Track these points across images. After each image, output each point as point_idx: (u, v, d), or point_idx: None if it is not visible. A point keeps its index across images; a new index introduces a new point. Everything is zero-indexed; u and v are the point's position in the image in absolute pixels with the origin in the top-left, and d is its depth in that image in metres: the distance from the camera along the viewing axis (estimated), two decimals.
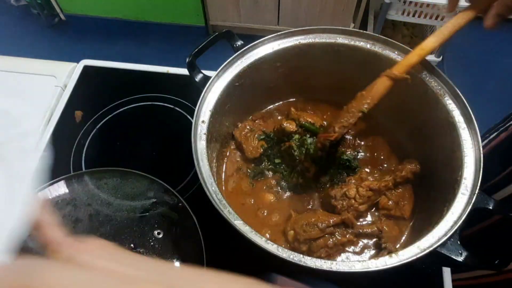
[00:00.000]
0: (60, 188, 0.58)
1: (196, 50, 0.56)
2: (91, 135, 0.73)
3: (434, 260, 0.44)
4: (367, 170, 0.61)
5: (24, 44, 2.21)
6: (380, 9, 1.79)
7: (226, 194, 0.60)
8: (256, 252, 0.44)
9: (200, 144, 0.49)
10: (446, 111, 0.50)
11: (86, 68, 0.82)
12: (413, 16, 1.72)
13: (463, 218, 0.42)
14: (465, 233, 0.47)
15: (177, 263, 0.52)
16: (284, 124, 0.61)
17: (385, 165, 0.63)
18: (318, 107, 0.69)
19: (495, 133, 0.70)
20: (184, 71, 0.81)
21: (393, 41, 0.54)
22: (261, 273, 0.61)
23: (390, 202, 0.56)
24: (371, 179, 0.58)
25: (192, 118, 0.51)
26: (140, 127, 0.76)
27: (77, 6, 2.16)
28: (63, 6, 2.19)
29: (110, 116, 0.76)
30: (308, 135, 0.61)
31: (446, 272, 0.59)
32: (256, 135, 0.63)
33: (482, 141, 0.71)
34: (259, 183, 0.62)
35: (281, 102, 0.68)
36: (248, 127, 0.64)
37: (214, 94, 0.54)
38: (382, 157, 0.64)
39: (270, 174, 0.62)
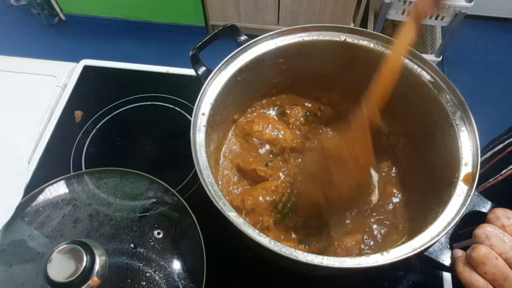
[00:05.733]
0: (60, 188, 0.58)
1: (200, 44, 0.56)
2: (91, 135, 0.73)
3: (424, 262, 0.44)
4: None
5: (24, 44, 2.21)
6: (380, 9, 1.79)
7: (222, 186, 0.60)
8: (251, 245, 0.44)
9: (199, 136, 0.49)
10: (446, 112, 0.50)
11: (86, 68, 0.82)
12: None
13: (457, 219, 0.42)
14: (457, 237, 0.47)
15: (177, 263, 0.52)
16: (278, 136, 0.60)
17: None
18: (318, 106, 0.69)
19: (501, 145, 0.68)
20: (184, 71, 0.81)
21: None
22: (261, 272, 0.62)
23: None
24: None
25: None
26: (140, 127, 0.76)
27: (77, 6, 2.16)
28: (63, 6, 2.19)
29: (110, 116, 0.76)
30: None
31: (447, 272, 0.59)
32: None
33: (486, 152, 0.70)
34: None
35: (282, 98, 0.68)
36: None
37: (215, 87, 0.53)
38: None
39: None
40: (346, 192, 0.51)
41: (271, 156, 0.62)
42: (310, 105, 0.68)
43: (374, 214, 0.58)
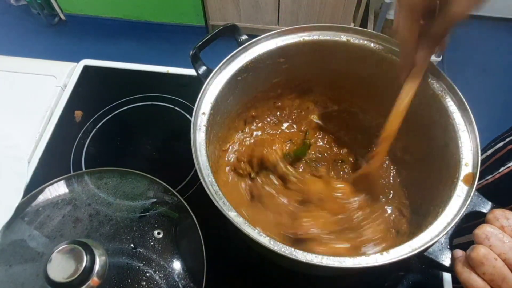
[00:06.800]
0: (60, 188, 0.58)
1: (200, 43, 0.56)
2: (91, 135, 0.73)
3: (424, 262, 0.44)
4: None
5: (24, 44, 2.21)
6: (380, 9, 1.79)
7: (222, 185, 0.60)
8: (250, 245, 0.44)
9: (199, 136, 0.49)
10: (446, 113, 0.50)
11: (86, 68, 0.82)
12: None
13: (457, 219, 0.42)
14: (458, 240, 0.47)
15: (177, 263, 0.52)
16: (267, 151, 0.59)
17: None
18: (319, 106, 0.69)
19: (502, 143, 0.67)
20: (184, 71, 0.81)
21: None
22: (261, 272, 0.62)
23: None
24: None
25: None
26: (140, 127, 0.76)
27: (77, 6, 2.16)
28: (63, 6, 2.19)
29: (110, 116, 0.76)
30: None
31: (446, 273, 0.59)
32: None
33: (488, 150, 0.70)
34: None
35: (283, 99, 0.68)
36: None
37: (216, 86, 0.53)
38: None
39: None
40: None
41: None
42: (311, 106, 0.68)
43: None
